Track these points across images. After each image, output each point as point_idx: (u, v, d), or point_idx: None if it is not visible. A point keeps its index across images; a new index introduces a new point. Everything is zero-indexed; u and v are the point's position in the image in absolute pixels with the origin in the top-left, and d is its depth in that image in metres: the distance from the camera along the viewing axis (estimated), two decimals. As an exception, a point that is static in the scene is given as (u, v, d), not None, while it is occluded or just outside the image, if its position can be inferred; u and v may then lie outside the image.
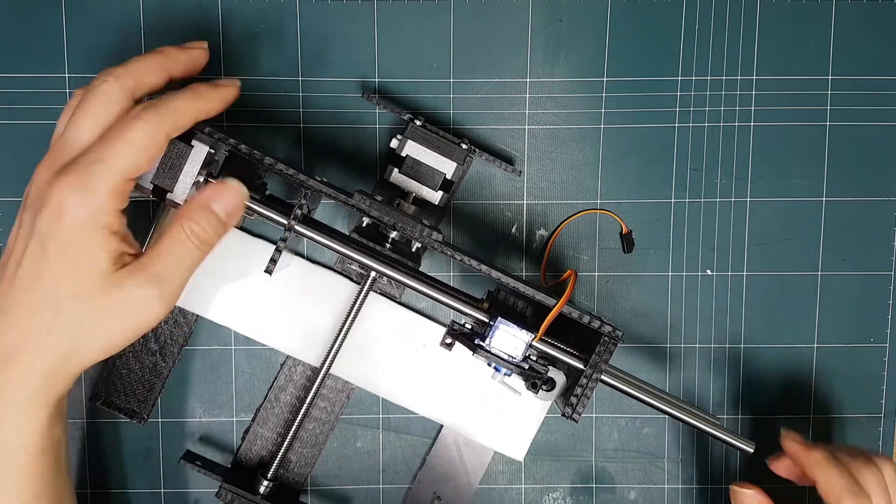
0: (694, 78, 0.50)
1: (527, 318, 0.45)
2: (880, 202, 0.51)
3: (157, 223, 0.49)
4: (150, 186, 0.40)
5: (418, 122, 0.46)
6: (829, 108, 0.50)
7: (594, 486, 0.52)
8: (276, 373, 0.50)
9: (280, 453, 0.47)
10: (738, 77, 0.50)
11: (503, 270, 0.42)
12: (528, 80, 0.50)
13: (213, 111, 0.39)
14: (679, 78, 0.50)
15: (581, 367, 0.42)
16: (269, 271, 0.41)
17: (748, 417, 0.52)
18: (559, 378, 0.43)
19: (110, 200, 0.36)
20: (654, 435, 0.52)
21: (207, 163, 0.40)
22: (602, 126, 0.50)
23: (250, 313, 0.50)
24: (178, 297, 0.39)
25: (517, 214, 0.51)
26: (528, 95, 0.50)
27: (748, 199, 0.51)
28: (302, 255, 0.50)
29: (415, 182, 0.47)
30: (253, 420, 0.50)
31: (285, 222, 0.41)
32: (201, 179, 0.40)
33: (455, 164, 0.47)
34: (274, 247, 0.44)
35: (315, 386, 0.47)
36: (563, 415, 0.42)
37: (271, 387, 0.50)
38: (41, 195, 0.36)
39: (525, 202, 0.51)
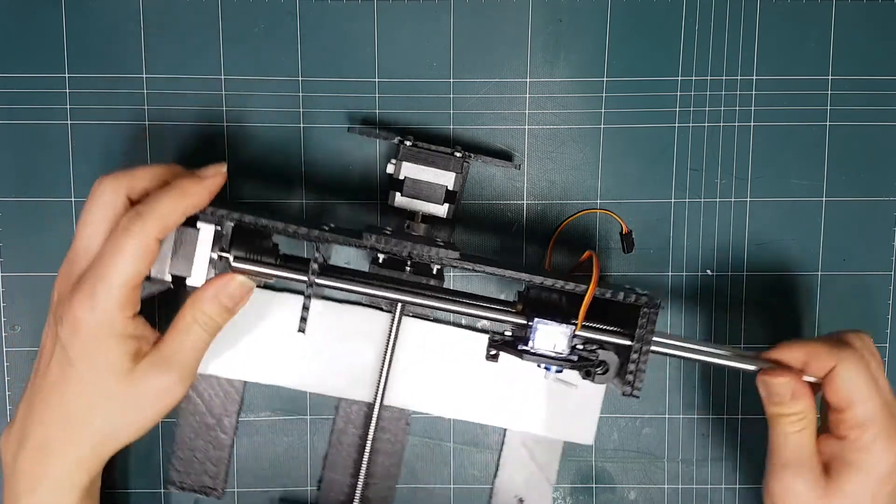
0: (694, 78, 0.50)
1: (563, 307, 0.45)
2: (880, 202, 0.51)
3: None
4: (170, 277, 0.40)
5: (408, 143, 0.46)
6: (829, 108, 0.50)
7: (594, 486, 0.52)
8: (333, 417, 0.51)
9: (357, 494, 0.48)
10: (738, 77, 0.50)
11: (529, 270, 0.42)
12: (528, 80, 0.50)
13: (202, 205, 0.39)
14: (679, 78, 0.50)
15: (629, 343, 0.42)
16: (302, 330, 0.41)
17: (748, 417, 0.52)
18: (610, 359, 0.43)
19: (119, 311, 0.38)
20: (654, 435, 0.52)
21: (217, 239, 0.40)
22: (602, 126, 0.50)
23: (292, 367, 0.50)
24: (195, 375, 0.41)
25: (517, 214, 0.51)
26: (528, 95, 0.50)
27: (748, 199, 0.51)
28: (327, 298, 0.50)
29: (419, 201, 0.47)
30: (323, 469, 0.51)
31: (305, 279, 0.41)
32: (215, 256, 0.40)
33: (454, 174, 0.47)
34: (300, 296, 0.44)
35: (373, 422, 0.48)
36: (623, 394, 0.41)
37: (332, 431, 0.51)
38: (61, 306, 0.38)
39: (525, 202, 0.51)
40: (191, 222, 0.40)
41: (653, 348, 0.42)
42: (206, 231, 0.40)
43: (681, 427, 0.52)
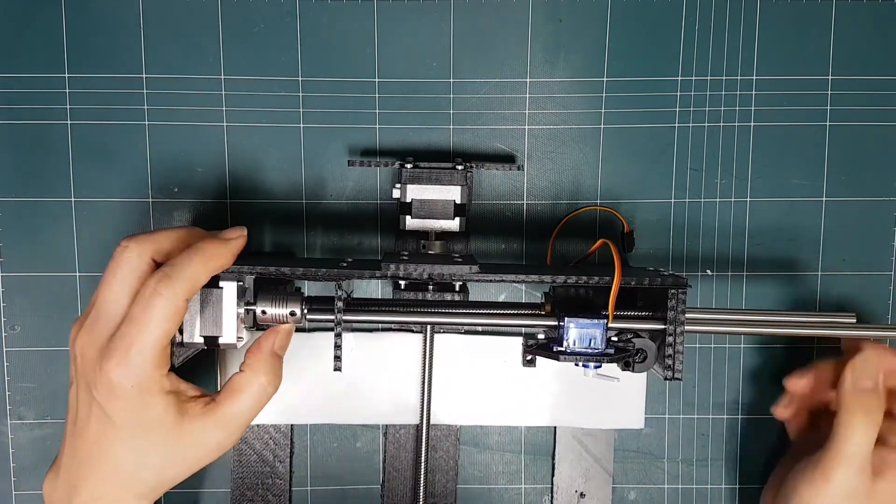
0: (694, 78, 0.50)
1: (591, 300, 0.45)
2: (880, 202, 0.51)
3: (219, 362, 0.50)
4: (201, 339, 0.41)
5: (409, 165, 0.46)
6: (829, 108, 0.50)
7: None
8: (384, 444, 0.51)
9: None
10: (738, 77, 0.50)
11: (551, 271, 0.42)
12: (528, 80, 0.50)
13: (226, 265, 0.40)
14: (679, 78, 0.50)
15: (662, 326, 0.42)
16: (338, 369, 0.42)
17: (748, 417, 0.52)
18: (647, 346, 0.42)
19: (153, 371, 0.38)
20: (654, 435, 0.52)
21: (241, 294, 0.41)
22: (602, 126, 0.50)
23: (335, 403, 0.50)
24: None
25: (517, 214, 0.51)
26: (528, 95, 0.50)
27: (748, 199, 0.51)
28: (357, 330, 0.50)
29: (430, 220, 0.47)
30: (382, 499, 0.51)
31: (333, 317, 0.41)
32: (242, 311, 0.41)
33: (459, 188, 0.47)
34: (331, 333, 0.44)
35: (424, 443, 0.48)
36: (666, 378, 0.41)
37: (384, 460, 0.51)
38: (91, 371, 0.38)
39: (525, 202, 0.51)
40: (212, 282, 0.40)
41: (688, 327, 0.41)
42: (230, 288, 0.40)
43: (681, 427, 0.52)
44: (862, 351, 0.44)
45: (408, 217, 0.47)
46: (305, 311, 0.42)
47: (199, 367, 0.50)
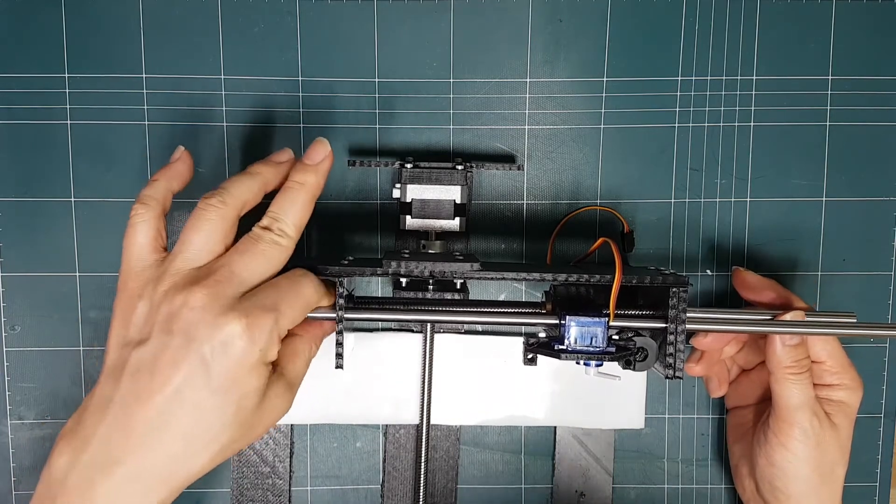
0: (694, 78, 0.50)
1: (592, 299, 0.45)
2: (880, 202, 0.51)
3: None
4: None
5: (409, 165, 0.46)
6: (829, 108, 0.50)
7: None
8: (384, 444, 0.51)
9: None
10: (738, 77, 0.50)
11: (552, 269, 0.42)
12: (528, 80, 0.50)
13: (272, 182, 0.42)
14: (679, 78, 0.50)
15: (663, 325, 0.42)
16: (339, 367, 0.42)
17: (748, 417, 0.52)
18: (648, 344, 0.43)
19: (275, 345, 0.38)
20: (654, 435, 0.52)
21: None
22: (602, 126, 0.50)
23: (335, 403, 0.50)
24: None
25: (517, 214, 0.51)
26: (528, 95, 0.50)
27: (748, 199, 0.51)
28: (357, 329, 0.50)
29: (430, 220, 0.47)
30: (382, 498, 0.51)
31: (334, 315, 0.42)
32: None
33: (459, 187, 0.47)
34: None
35: (424, 443, 0.48)
36: (667, 377, 0.41)
37: (384, 460, 0.51)
38: (196, 323, 0.36)
39: (525, 202, 0.51)
40: None
41: (688, 327, 0.41)
42: None
43: (681, 427, 0.52)
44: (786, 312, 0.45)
45: (408, 217, 0.47)
46: None
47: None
